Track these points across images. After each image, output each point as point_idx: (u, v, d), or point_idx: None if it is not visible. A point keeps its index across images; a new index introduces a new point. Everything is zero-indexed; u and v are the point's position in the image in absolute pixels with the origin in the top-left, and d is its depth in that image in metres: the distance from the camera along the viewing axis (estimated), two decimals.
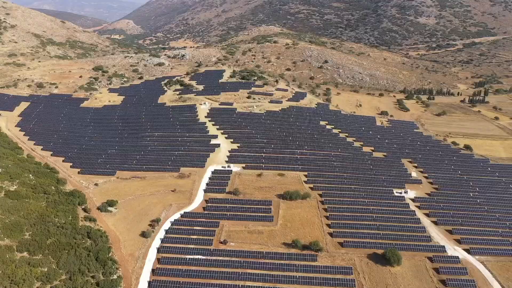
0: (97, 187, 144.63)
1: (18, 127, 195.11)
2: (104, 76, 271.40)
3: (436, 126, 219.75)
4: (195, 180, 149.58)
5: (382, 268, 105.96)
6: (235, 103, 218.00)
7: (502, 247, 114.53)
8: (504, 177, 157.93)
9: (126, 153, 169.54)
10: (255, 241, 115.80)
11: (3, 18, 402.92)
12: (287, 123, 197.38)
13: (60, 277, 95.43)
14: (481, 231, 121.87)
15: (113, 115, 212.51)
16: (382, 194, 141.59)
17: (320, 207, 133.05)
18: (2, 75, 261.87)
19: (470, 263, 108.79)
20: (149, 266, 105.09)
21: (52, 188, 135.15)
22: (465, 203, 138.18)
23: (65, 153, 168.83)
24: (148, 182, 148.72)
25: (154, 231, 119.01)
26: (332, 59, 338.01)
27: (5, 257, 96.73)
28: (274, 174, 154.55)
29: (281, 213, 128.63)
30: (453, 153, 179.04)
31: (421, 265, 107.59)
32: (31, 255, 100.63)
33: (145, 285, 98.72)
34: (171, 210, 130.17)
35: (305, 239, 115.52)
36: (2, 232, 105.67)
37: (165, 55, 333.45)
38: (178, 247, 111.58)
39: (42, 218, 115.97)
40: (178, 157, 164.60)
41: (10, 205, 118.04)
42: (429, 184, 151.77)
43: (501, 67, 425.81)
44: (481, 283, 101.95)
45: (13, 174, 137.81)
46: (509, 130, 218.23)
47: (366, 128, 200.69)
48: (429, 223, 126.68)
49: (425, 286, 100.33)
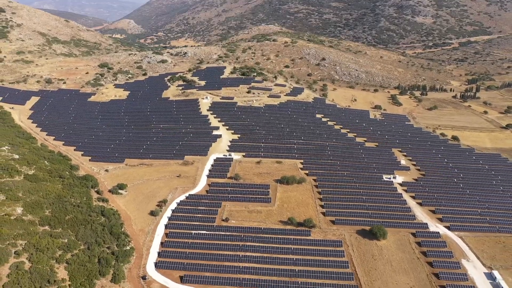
0: (107, 172, 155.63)
1: (30, 119, 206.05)
2: (109, 73, 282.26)
3: (427, 119, 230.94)
4: (199, 167, 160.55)
5: (369, 241, 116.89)
6: (235, 97, 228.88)
7: (479, 225, 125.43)
8: (487, 164, 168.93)
9: (133, 143, 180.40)
10: (254, 219, 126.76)
11: (9, 17, 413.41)
12: (285, 116, 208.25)
13: (79, 247, 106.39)
14: (462, 211, 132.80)
15: (120, 108, 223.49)
16: (372, 179, 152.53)
17: (314, 191, 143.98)
18: (12, 71, 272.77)
19: (449, 237, 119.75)
20: (158, 240, 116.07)
21: (66, 173, 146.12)
22: (449, 187, 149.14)
23: (76, 143, 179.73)
24: (155, 169, 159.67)
25: (162, 210, 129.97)
26: (329, 57, 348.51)
27: (29, 229, 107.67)
28: (272, 161, 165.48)
29: (278, 196, 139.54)
30: (440, 143, 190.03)
31: (404, 239, 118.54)
32: (52, 228, 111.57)
33: (155, 255, 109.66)
34: (176, 192, 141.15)
35: (300, 218, 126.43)
36: (25, 209, 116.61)
37: (167, 53, 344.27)
38: (184, 224, 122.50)
39: (60, 198, 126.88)
40: (182, 147, 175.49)
41: (30, 187, 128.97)
42: (416, 171, 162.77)
43: (495, 65, 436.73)
44: (458, 254, 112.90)
45: (30, 160, 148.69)
46: (496, 123, 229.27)
47: (360, 121, 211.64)
48: (414, 204, 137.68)
49: (407, 257, 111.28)
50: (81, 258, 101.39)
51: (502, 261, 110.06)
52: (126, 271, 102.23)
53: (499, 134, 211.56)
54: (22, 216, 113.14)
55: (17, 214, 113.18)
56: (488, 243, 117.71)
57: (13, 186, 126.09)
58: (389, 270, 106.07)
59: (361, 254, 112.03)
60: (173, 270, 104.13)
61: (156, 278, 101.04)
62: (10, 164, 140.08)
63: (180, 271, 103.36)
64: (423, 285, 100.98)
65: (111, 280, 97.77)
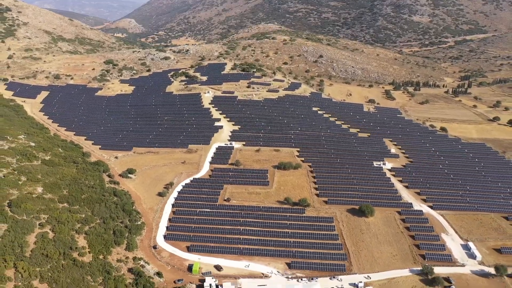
0: (117, 159, 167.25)
1: (41, 112, 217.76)
2: (114, 69, 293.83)
3: (418, 112, 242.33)
4: (202, 154, 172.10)
5: (358, 218, 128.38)
6: (236, 91, 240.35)
7: (460, 204, 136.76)
8: (472, 152, 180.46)
9: (140, 133, 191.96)
10: (253, 200, 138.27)
11: (16, 16, 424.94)
12: (282, 108, 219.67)
13: (96, 221, 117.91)
14: (444, 192, 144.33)
15: (126, 102, 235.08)
16: (363, 165, 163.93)
17: (309, 175, 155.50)
18: (21, 67, 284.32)
19: (431, 215, 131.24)
20: (166, 216, 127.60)
21: (79, 159, 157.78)
22: (434, 172, 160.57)
23: (86, 133, 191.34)
24: (161, 156, 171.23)
25: (169, 192, 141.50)
26: (326, 54, 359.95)
27: (50, 206, 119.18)
28: (270, 150, 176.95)
29: (275, 179, 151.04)
30: (429, 134, 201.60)
31: (390, 217, 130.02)
32: (70, 205, 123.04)
33: (163, 229, 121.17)
34: (182, 177, 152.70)
35: (295, 198, 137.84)
36: (45, 189, 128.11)
37: (170, 50, 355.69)
38: (189, 203, 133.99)
39: (75, 180, 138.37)
40: (186, 137, 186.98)
41: (48, 170, 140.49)
42: (405, 158, 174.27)
43: (488, 62, 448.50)
44: (438, 229, 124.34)
45: (45, 147, 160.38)
46: (484, 116, 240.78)
47: (354, 113, 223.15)
48: (401, 187, 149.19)
49: (392, 231, 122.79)
50: (98, 230, 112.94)
51: (478, 235, 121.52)
52: (139, 241, 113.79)
53: (486, 126, 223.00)
54: (42, 194, 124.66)
55: (38, 193, 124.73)
56: (466, 220, 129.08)
57: (32, 169, 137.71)
58: (375, 242, 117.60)
59: (350, 228, 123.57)
60: (180, 241, 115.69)
61: (165, 248, 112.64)
62: (27, 150, 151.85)
63: (187, 242, 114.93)
64: (404, 254, 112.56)
65: (125, 249, 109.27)
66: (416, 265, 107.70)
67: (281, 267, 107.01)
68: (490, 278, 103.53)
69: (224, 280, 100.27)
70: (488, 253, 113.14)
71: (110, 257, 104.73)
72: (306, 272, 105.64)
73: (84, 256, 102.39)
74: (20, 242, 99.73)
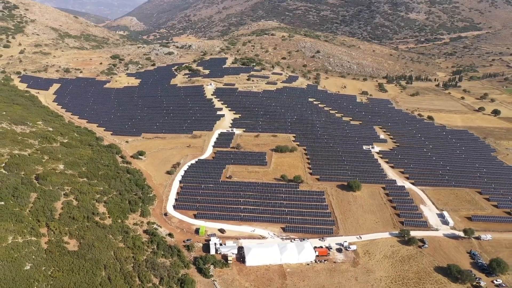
0: (127, 143, 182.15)
1: (55, 102, 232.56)
2: (121, 63, 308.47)
3: (408, 103, 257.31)
4: (205, 139, 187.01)
5: (346, 193, 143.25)
6: (236, 84, 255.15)
7: (438, 181, 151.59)
8: (455, 138, 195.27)
9: (147, 121, 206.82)
10: (252, 177, 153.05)
11: (23, 13, 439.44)
12: (280, 99, 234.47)
13: (113, 193, 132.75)
14: (426, 171, 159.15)
15: (133, 93, 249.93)
16: (353, 149, 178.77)
17: (304, 157, 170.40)
18: (32, 62, 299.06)
19: (412, 190, 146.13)
20: (175, 191, 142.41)
21: (94, 142, 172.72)
22: (419, 155, 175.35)
23: (98, 121, 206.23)
24: (168, 141, 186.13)
25: (176, 170, 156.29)
26: (323, 50, 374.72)
27: (72, 180, 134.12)
28: (268, 135, 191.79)
29: (273, 160, 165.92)
30: (417, 122, 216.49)
31: (376, 191, 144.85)
32: (89, 180, 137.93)
33: (172, 201, 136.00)
34: (187, 158, 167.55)
35: (291, 176, 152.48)
36: (65, 166, 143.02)
37: (173, 46, 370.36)
38: (195, 179, 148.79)
39: (92, 160, 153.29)
40: (190, 124, 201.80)
41: (67, 151, 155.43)
42: (393, 143, 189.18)
43: (481, 58, 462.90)
44: (418, 201, 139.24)
45: (62, 132, 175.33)
46: (470, 107, 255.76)
47: (347, 104, 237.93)
48: (387, 167, 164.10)
49: (376, 203, 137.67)
50: (115, 200, 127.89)
51: (452, 206, 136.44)
52: (151, 210, 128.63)
53: (471, 115, 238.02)
54: (64, 170, 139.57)
55: (60, 169, 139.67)
56: (443, 194, 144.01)
57: (53, 150, 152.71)
58: (361, 211, 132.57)
59: (339, 201, 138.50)
60: (188, 210, 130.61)
61: (175, 215, 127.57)
62: (47, 134, 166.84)
63: (194, 211, 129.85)
64: (386, 221, 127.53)
65: (140, 215, 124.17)
66: (395, 229, 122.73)
67: (276, 230, 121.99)
68: (460, 240, 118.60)
69: (227, 240, 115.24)
70: (460, 221, 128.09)
71: (127, 221, 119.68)
72: (299, 234, 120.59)
73: (105, 220, 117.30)
74: (50, 207, 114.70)
